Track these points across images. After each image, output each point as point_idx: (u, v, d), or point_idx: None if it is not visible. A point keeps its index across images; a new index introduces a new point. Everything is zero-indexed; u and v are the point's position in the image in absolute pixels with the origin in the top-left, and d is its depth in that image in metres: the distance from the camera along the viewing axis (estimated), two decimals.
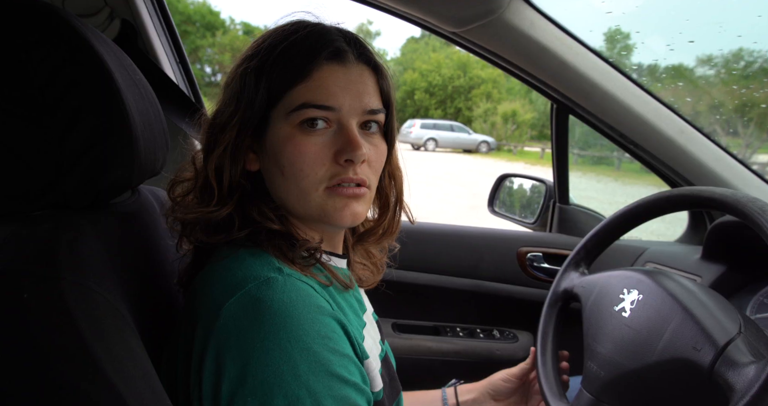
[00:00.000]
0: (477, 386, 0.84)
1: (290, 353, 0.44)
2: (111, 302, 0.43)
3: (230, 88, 0.55)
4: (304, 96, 0.52)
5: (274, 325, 0.44)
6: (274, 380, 0.43)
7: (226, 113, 0.54)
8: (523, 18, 0.96)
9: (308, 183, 0.53)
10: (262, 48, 0.54)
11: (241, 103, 0.53)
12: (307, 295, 0.48)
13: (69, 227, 0.47)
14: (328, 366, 0.45)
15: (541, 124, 22.75)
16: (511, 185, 1.60)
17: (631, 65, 2.49)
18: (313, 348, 0.45)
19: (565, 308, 0.87)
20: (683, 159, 1.11)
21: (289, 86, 0.52)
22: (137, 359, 0.43)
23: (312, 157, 0.52)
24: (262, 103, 0.53)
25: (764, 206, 0.62)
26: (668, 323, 0.64)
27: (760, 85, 5.24)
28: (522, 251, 1.32)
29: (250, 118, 0.53)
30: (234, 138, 0.54)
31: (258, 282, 0.47)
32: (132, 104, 0.52)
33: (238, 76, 0.54)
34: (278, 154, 0.53)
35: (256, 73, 0.53)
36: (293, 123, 0.52)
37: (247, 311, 0.45)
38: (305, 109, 0.52)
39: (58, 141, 0.46)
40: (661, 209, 0.78)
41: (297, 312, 0.45)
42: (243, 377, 0.43)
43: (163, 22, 1.27)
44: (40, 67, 0.45)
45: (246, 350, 0.44)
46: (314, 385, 0.44)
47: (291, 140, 0.52)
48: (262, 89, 0.53)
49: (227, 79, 0.56)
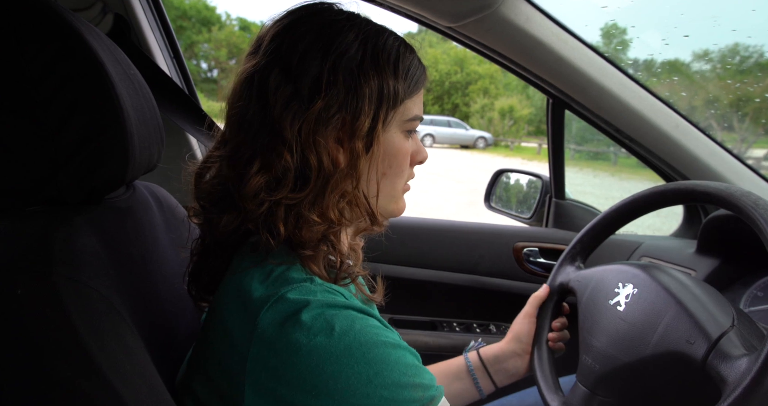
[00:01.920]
0: (501, 345, 0.84)
1: (336, 346, 0.44)
2: (106, 298, 0.43)
3: (341, 82, 0.51)
4: (416, 107, 0.58)
5: (315, 326, 0.44)
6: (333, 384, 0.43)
7: (338, 104, 0.51)
8: (518, 13, 0.96)
9: (400, 184, 0.59)
10: (370, 48, 0.52)
11: (362, 99, 0.51)
12: (339, 298, 0.48)
13: (63, 222, 0.47)
14: (378, 338, 0.46)
15: (538, 119, 22.78)
16: (507, 181, 1.60)
17: (627, 60, 2.49)
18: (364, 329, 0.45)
19: (561, 303, 0.87)
20: (678, 154, 1.11)
21: (408, 96, 0.56)
22: (133, 355, 0.43)
23: (409, 161, 0.59)
24: (387, 105, 0.54)
25: (758, 199, 0.62)
26: (662, 317, 0.64)
27: (755, 79, 5.26)
28: (518, 245, 1.33)
29: (378, 113, 0.53)
30: (365, 128, 0.52)
31: (292, 288, 0.46)
32: (126, 99, 0.51)
33: (347, 71, 0.51)
34: (391, 156, 0.56)
35: (377, 74, 0.52)
36: (403, 129, 0.57)
37: (286, 319, 0.44)
38: (416, 121, 0.58)
39: (52, 136, 0.46)
40: (656, 203, 0.78)
41: (337, 310, 0.46)
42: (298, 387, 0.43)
43: (157, 17, 1.26)
44: (33, 61, 0.45)
45: (293, 357, 0.43)
46: (373, 359, 0.44)
47: (403, 146, 0.57)
48: (387, 92, 0.53)
49: (327, 67, 0.51)
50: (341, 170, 0.51)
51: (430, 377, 0.49)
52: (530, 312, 0.85)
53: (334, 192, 0.51)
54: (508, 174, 1.58)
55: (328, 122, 0.50)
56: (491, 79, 26.23)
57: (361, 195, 0.54)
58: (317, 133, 0.50)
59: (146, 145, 0.56)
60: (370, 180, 0.55)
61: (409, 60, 0.55)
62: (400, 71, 0.54)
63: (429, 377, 0.49)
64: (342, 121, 0.51)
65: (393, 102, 0.53)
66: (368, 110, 0.51)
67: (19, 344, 0.38)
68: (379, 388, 0.43)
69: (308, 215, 0.50)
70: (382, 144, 0.54)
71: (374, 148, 0.53)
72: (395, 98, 0.53)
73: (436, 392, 0.48)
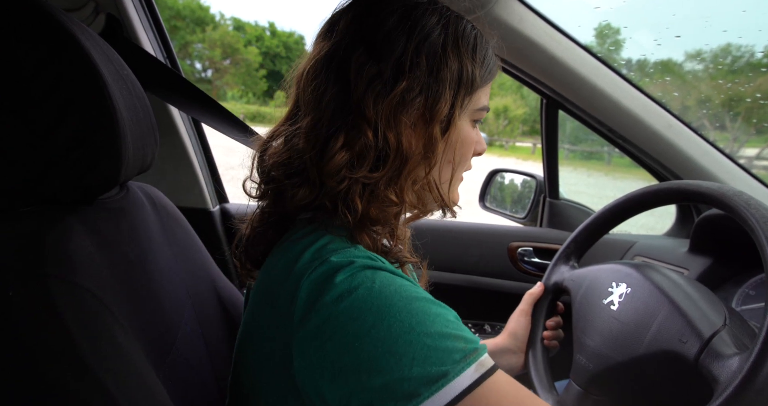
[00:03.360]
0: (497, 341, 0.85)
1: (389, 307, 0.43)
2: (99, 299, 0.43)
3: (424, 64, 0.51)
4: (485, 98, 0.57)
5: (355, 282, 0.44)
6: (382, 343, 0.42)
7: (420, 86, 0.51)
8: (511, 13, 0.96)
9: (461, 171, 0.60)
10: (452, 32, 0.53)
11: (443, 83, 0.52)
12: (380, 262, 0.48)
13: (56, 223, 0.46)
14: (419, 294, 0.46)
15: (532, 119, 22.85)
16: (502, 180, 1.60)
17: (620, 60, 2.50)
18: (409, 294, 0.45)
19: (555, 302, 0.88)
20: (671, 153, 1.12)
21: (482, 84, 0.56)
22: (126, 355, 0.43)
23: (473, 151, 0.59)
24: (465, 91, 0.54)
25: (749, 199, 0.63)
26: (655, 316, 0.65)
27: (746, 79, 5.30)
28: (513, 245, 1.33)
29: (456, 99, 0.53)
30: (446, 110, 0.52)
31: (336, 253, 0.47)
32: (119, 99, 0.51)
33: (430, 54, 0.51)
34: (461, 144, 0.56)
35: (457, 58, 0.53)
36: (472, 118, 0.57)
37: (326, 279, 0.44)
38: (484, 111, 0.58)
39: (44, 136, 0.46)
40: (649, 202, 0.79)
41: (377, 270, 0.46)
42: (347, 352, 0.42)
43: (149, 17, 1.25)
44: (25, 61, 0.45)
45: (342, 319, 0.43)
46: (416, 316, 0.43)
47: (471, 135, 0.58)
48: (466, 77, 0.53)
49: (415, 43, 0.51)
50: (417, 154, 0.52)
51: (471, 334, 0.48)
52: (525, 309, 0.86)
53: (410, 175, 0.52)
54: (502, 174, 1.59)
55: (410, 104, 0.51)
56: None
57: (433, 180, 0.54)
58: (399, 114, 0.50)
59: (140, 145, 0.56)
60: (443, 166, 0.56)
61: (486, 48, 0.56)
62: (477, 58, 0.54)
63: (471, 333, 0.48)
64: (423, 105, 0.51)
65: (470, 88, 0.54)
66: (448, 95, 0.52)
67: (10, 346, 0.38)
68: (422, 335, 0.42)
69: (384, 193, 0.51)
70: (456, 130, 0.55)
71: (450, 133, 0.53)
72: (473, 84, 0.54)
73: (479, 345, 0.46)
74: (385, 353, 0.41)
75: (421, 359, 0.41)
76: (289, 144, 0.53)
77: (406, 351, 0.41)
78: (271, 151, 0.55)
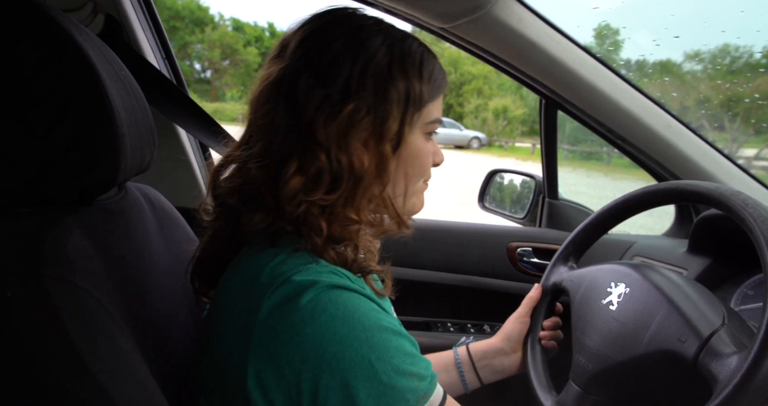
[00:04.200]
0: (491, 342, 0.85)
1: (339, 330, 0.44)
2: (97, 300, 0.43)
3: (370, 85, 0.52)
4: (436, 110, 0.58)
5: (319, 307, 0.44)
6: (334, 358, 0.43)
7: (367, 107, 0.52)
8: (511, 13, 0.96)
9: (419, 183, 0.61)
10: (397, 51, 0.53)
11: (390, 102, 0.52)
12: (344, 280, 0.49)
13: (54, 223, 0.46)
14: (381, 323, 0.47)
15: (531, 120, 22.85)
16: (501, 181, 1.60)
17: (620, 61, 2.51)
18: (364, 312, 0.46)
19: (554, 302, 0.88)
20: (670, 154, 1.12)
21: (431, 99, 0.57)
22: (125, 356, 0.43)
23: (430, 163, 0.61)
24: (413, 108, 0.55)
25: (747, 199, 0.63)
26: (654, 316, 0.65)
27: (745, 80, 5.31)
28: (512, 246, 1.33)
29: (404, 116, 0.54)
30: (394, 129, 0.53)
31: (298, 271, 0.47)
32: (117, 100, 0.51)
33: (376, 75, 0.52)
34: (414, 157, 0.57)
35: (404, 77, 0.53)
36: (425, 132, 0.58)
37: (288, 299, 0.45)
38: (436, 124, 0.59)
39: (43, 137, 0.46)
40: (647, 203, 0.79)
41: (340, 292, 0.46)
42: (305, 365, 0.43)
43: (148, 18, 1.25)
44: (24, 62, 0.45)
45: (300, 338, 0.44)
46: (373, 344, 0.45)
47: (425, 148, 0.59)
48: (413, 94, 0.54)
49: (359, 68, 0.52)
50: (370, 173, 0.53)
51: (425, 365, 0.50)
52: (523, 313, 0.86)
53: (365, 194, 0.52)
54: (501, 174, 1.59)
55: (358, 125, 0.51)
56: (485, 79, 26.31)
57: (388, 197, 0.55)
58: (348, 136, 0.51)
59: (138, 146, 0.56)
60: (396, 181, 0.57)
61: (432, 64, 0.57)
62: (424, 75, 0.55)
63: (425, 365, 0.50)
64: (371, 124, 0.52)
65: (418, 105, 0.55)
66: (396, 113, 0.53)
67: (9, 347, 0.38)
68: (380, 372, 0.44)
69: (343, 213, 0.52)
70: (408, 146, 0.56)
71: (401, 150, 0.54)
72: (420, 101, 0.55)
73: (429, 385, 0.48)
74: (343, 385, 0.43)
75: (376, 396, 0.43)
76: (243, 170, 0.54)
77: (363, 386, 0.43)
78: (224, 176, 0.56)
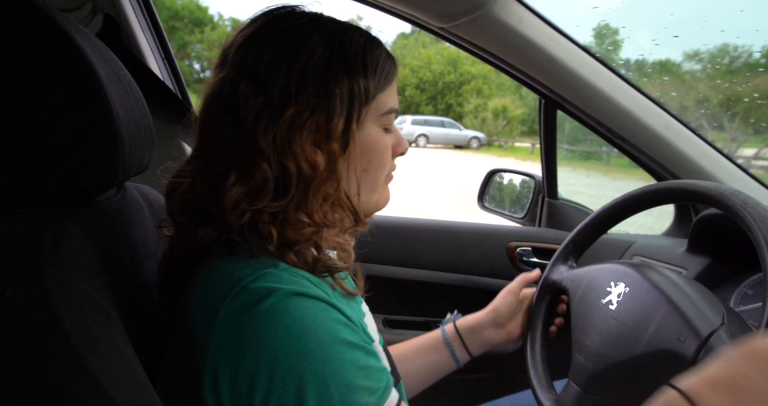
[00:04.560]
0: (478, 316, 0.87)
1: (292, 340, 0.44)
2: (96, 300, 0.43)
3: (311, 86, 0.51)
4: (390, 100, 0.57)
5: (275, 318, 0.44)
6: (289, 370, 0.43)
7: (311, 108, 0.51)
8: (510, 13, 0.96)
9: (381, 176, 0.60)
10: (336, 49, 0.52)
11: (334, 101, 0.51)
12: (304, 285, 0.48)
13: (53, 224, 0.46)
14: (337, 335, 0.46)
15: (531, 119, 22.86)
16: (500, 181, 1.60)
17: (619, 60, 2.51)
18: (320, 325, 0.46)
19: (553, 302, 0.88)
20: (669, 153, 1.12)
21: (380, 91, 0.55)
22: (124, 358, 0.43)
23: (390, 155, 0.59)
24: (360, 103, 0.53)
25: (747, 198, 0.63)
26: (653, 316, 0.65)
27: (744, 79, 5.31)
28: (511, 245, 1.33)
29: (351, 112, 0.53)
30: (338, 131, 0.52)
31: (256, 277, 0.46)
32: (116, 100, 0.51)
33: (316, 75, 0.51)
34: (371, 152, 0.57)
35: (346, 73, 0.52)
36: (380, 124, 0.57)
37: (246, 309, 0.44)
38: (391, 114, 0.58)
39: (41, 137, 0.46)
40: (647, 202, 0.79)
41: (299, 300, 0.46)
42: (256, 374, 0.43)
43: (147, 18, 1.25)
44: (21, 62, 0.45)
45: (252, 347, 0.43)
46: (327, 357, 0.44)
47: (382, 140, 0.57)
48: (358, 90, 0.53)
49: (298, 73, 0.51)
50: (321, 173, 0.52)
51: (378, 376, 0.49)
52: (514, 289, 0.87)
53: (316, 195, 0.51)
54: (501, 174, 1.59)
55: (303, 127, 0.50)
56: (484, 79, 26.31)
57: (343, 195, 0.54)
58: (292, 140, 0.50)
59: (137, 146, 0.56)
60: (351, 179, 0.56)
61: (377, 54, 0.55)
62: (369, 67, 0.54)
63: (378, 377, 0.48)
64: (316, 125, 0.51)
65: (365, 99, 0.54)
66: (341, 111, 0.52)
67: (8, 347, 0.38)
68: (332, 388, 0.44)
69: (295, 217, 0.50)
70: (358, 142, 0.54)
71: (351, 147, 0.53)
72: (367, 95, 0.54)
73: (379, 400, 0.48)
74: (295, 397, 0.43)
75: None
76: (192, 185, 0.53)
77: (314, 401, 0.43)
78: (177, 191, 0.55)
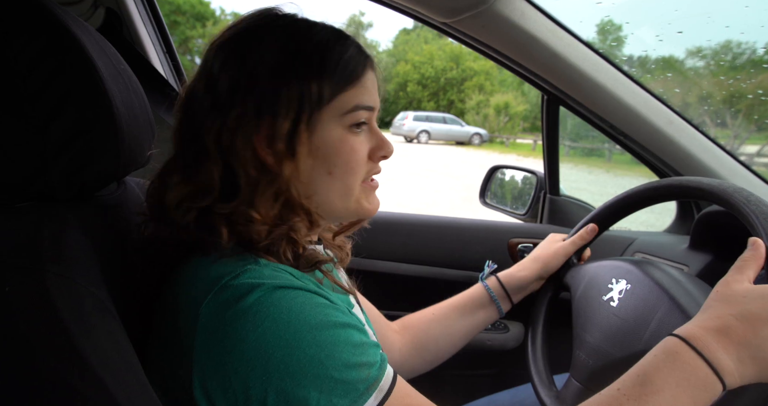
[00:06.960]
0: (523, 272, 0.87)
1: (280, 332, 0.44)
2: (96, 295, 0.43)
3: (257, 89, 0.51)
4: (357, 98, 0.55)
5: (261, 313, 0.44)
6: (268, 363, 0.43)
7: (256, 109, 0.51)
8: (513, 9, 0.95)
9: (354, 180, 0.56)
10: (291, 49, 0.52)
11: (279, 103, 0.51)
12: (287, 279, 0.48)
13: (53, 219, 0.46)
14: (327, 318, 0.46)
15: (533, 116, 22.83)
16: (502, 177, 1.60)
17: (622, 56, 2.49)
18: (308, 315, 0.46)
19: (555, 298, 0.88)
20: (672, 150, 1.11)
21: (341, 90, 0.54)
22: (123, 352, 0.43)
23: (361, 156, 0.56)
24: (310, 105, 0.52)
25: (749, 195, 0.63)
26: (655, 312, 0.65)
27: (747, 76, 5.28)
28: (513, 242, 1.33)
29: (299, 115, 0.52)
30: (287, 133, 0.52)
31: (237, 274, 0.46)
32: (116, 94, 0.51)
33: (263, 77, 0.51)
34: (332, 154, 0.54)
35: (295, 76, 0.52)
36: (345, 124, 0.55)
37: (229, 306, 0.44)
38: (358, 112, 0.55)
39: (41, 131, 0.46)
40: (649, 199, 0.79)
41: (282, 292, 0.46)
42: (239, 370, 0.43)
43: (149, 12, 1.25)
44: (20, 55, 0.44)
45: (234, 344, 0.43)
46: (316, 344, 0.44)
47: (346, 141, 0.55)
48: (309, 92, 0.52)
49: (246, 72, 0.52)
50: (270, 174, 0.52)
51: (374, 351, 0.49)
52: (569, 248, 0.86)
53: (265, 195, 0.51)
54: (503, 170, 1.58)
55: (248, 128, 0.51)
56: (487, 75, 26.23)
57: (295, 196, 0.53)
58: (238, 141, 0.51)
59: (137, 141, 0.56)
60: (311, 181, 0.54)
61: (339, 52, 0.53)
62: (327, 69, 0.52)
63: (373, 351, 0.49)
64: (262, 126, 0.51)
65: (317, 101, 0.52)
66: (287, 112, 0.51)
67: (8, 342, 0.38)
68: (330, 369, 0.44)
69: (246, 215, 0.51)
70: (317, 144, 0.53)
71: (301, 148, 0.52)
72: (320, 96, 0.52)
73: (378, 371, 0.48)
74: (295, 386, 0.43)
75: (328, 392, 0.44)
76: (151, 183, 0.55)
77: (314, 385, 0.43)
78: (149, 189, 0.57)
